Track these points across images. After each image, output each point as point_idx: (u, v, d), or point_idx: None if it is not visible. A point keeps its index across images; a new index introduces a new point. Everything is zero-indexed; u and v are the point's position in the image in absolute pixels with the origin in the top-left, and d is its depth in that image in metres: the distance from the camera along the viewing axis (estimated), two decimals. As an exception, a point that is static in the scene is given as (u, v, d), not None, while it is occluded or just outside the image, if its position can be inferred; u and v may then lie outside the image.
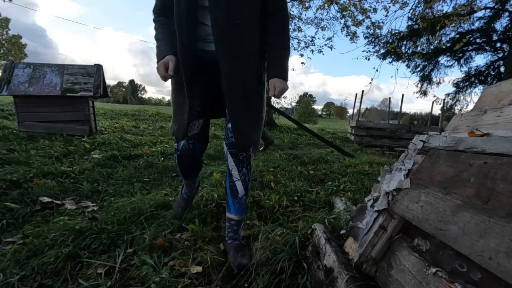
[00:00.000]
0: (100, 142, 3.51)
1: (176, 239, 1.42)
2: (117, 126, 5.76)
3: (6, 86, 3.85)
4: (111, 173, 2.45)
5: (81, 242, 1.34)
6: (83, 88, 4.19)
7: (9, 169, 2.24)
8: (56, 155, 2.81)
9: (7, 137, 3.54)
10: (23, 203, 1.74)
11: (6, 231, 1.47)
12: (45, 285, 1.09)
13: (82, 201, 1.89)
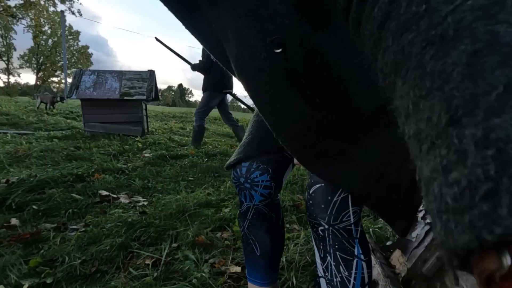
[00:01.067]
0: (151, 142, 3.78)
1: (217, 237, 1.46)
2: (166, 128, 6.15)
3: (75, 91, 4.36)
4: (159, 171, 2.62)
5: (132, 233, 1.45)
6: (137, 92, 4.56)
7: (76, 164, 2.53)
8: (113, 153, 3.09)
9: (74, 136, 4.00)
10: (85, 195, 1.94)
11: (71, 219, 1.66)
12: (101, 270, 1.20)
13: (134, 196, 2.05)
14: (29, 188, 1.86)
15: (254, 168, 0.75)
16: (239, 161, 0.77)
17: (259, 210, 0.78)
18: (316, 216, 0.64)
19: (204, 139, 4.69)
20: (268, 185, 0.75)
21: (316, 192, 0.63)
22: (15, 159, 2.58)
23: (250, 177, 0.75)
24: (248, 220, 0.80)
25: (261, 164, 0.75)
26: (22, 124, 5.28)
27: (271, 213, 0.80)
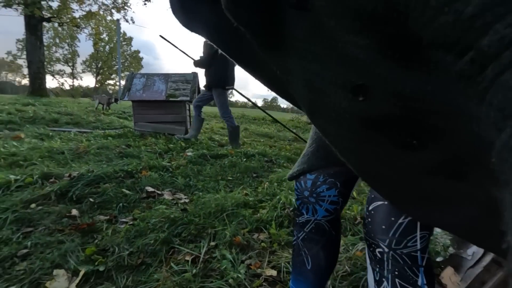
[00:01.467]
0: (193, 142, 3.95)
1: (253, 239, 1.47)
2: (207, 127, 6.38)
3: (127, 93, 4.73)
4: (200, 170, 2.72)
5: (174, 230, 1.53)
6: (182, 93, 4.79)
7: (126, 161, 2.74)
8: (159, 151, 3.29)
9: (126, 135, 4.34)
10: (134, 190, 2.09)
11: (121, 212, 1.80)
12: (145, 262, 1.28)
13: (177, 193, 2.16)
14: (87, 182, 2.06)
15: (321, 181, 0.70)
16: (303, 172, 0.72)
17: (320, 226, 0.74)
18: (375, 237, 0.58)
19: (243, 139, 4.77)
20: (335, 200, 0.70)
21: (377, 210, 0.58)
22: (76, 155, 2.89)
23: (315, 191, 0.70)
24: (305, 233, 0.75)
25: (329, 178, 0.69)
26: (83, 123, 5.88)
27: (331, 230, 0.75)
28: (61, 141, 3.67)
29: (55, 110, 6.87)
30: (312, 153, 0.71)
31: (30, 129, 4.62)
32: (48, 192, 1.87)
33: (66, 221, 1.61)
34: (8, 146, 3.03)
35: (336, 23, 0.35)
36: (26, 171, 2.21)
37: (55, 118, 5.90)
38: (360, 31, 0.34)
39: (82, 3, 13.60)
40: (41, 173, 2.14)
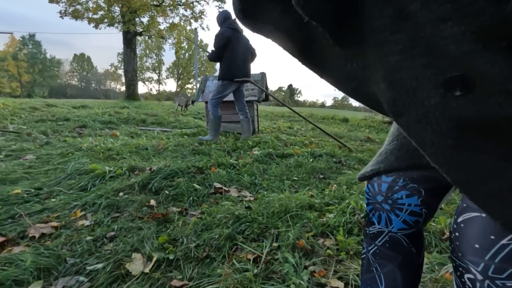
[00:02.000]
0: (260, 141, 4.00)
1: (318, 244, 1.38)
2: (274, 127, 6.41)
3: (201, 95, 5.09)
4: (266, 168, 2.72)
5: (238, 226, 1.54)
6: (250, 93, 4.91)
7: (198, 158, 2.93)
8: (228, 149, 3.43)
9: (199, 134, 4.67)
10: (203, 186, 2.21)
11: (191, 205, 1.91)
12: (210, 256, 1.32)
13: (242, 191, 2.19)
14: (164, 176, 2.26)
15: (400, 186, 0.58)
16: (377, 173, 0.61)
17: (395, 239, 0.61)
18: (463, 257, 0.45)
19: (310, 139, 4.61)
20: (417, 211, 0.58)
21: (470, 223, 0.44)
22: (157, 151, 3.22)
23: (392, 197, 0.59)
24: (377, 247, 0.63)
25: (410, 183, 0.57)
26: (165, 123, 6.58)
27: (410, 247, 0.61)
28: (146, 138, 4.15)
29: (143, 112, 7.87)
30: (391, 151, 0.59)
31: (124, 128, 5.38)
32: (133, 183, 2.11)
33: (145, 210, 1.79)
34: (106, 142, 3.57)
35: (423, 8, 0.30)
36: (118, 164, 2.55)
37: (143, 119, 6.75)
38: (453, 17, 0.28)
39: (166, 16, 15.27)
40: (128, 166, 2.44)
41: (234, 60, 3.82)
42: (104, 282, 1.14)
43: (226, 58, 3.83)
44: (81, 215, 1.70)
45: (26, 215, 1.67)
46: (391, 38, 0.34)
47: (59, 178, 2.29)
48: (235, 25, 3.87)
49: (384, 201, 0.60)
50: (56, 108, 7.74)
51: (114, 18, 13.97)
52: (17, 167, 2.57)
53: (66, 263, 1.24)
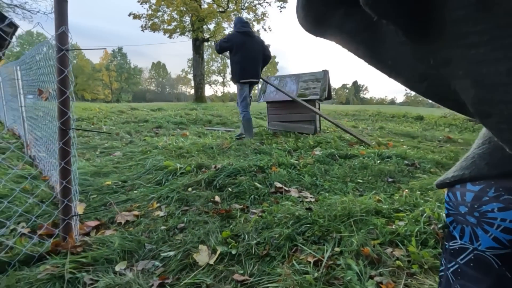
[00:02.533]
0: (322, 140, 3.88)
1: (386, 253, 1.27)
2: (337, 126, 6.14)
3: (262, 95, 5.18)
4: (328, 169, 2.63)
5: (298, 227, 1.52)
6: (312, 92, 4.81)
7: (259, 157, 3.00)
8: (288, 149, 3.42)
9: (261, 133, 4.77)
10: (264, 185, 2.25)
11: (253, 203, 1.96)
12: (270, 255, 1.34)
13: (303, 191, 2.16)
14: (228, 173, 2.38)
15: (490, 196, 0.50)
16: (461, 180, 0.53)
17: (483, 259, 0.52)
18: None
19: (378, 139, 4.28)
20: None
21: None
22: (221, 150, 3.40)
23: (479, 209, 0.51)
24: (458, 265, 0.55)
25: (505, 194, 0.49)
26: (228, 123, 6.90)
27: (504, 270, 0.51)
28: (212, 138, 4.43)
29: (209, 113, 8.41)
30: (481, 156, 0.50)
31: (193, 128, 5.83)
32: (200, 179, 2.27)
33: (210, 205, 1.91)
34: (178, 141, 3.92)
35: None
36: (187, 161, 2.78)
37: (209, 120, 7.21)
38: None
39: (231, 21, 15.98)
40: (196, 164, 2.63)
41: (241, 62, 4.02)
42: (175, 268, 1.25)
43: (233, 61, 4.08)
44: (156, 207, 1.90)
45: (115, 204, 1.94)
46: (474, 29, 0.29)
47: (140, 172, 2.60)
48: (245, 29, 4.07)
49: (468, 213, 0.52)
50: (138, 111, 8.83)
51: (185, 27, 15.25)
52: (108, 162, 3.01)
53: (145, 248, 1.41)
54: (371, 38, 0.41)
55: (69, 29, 1.28)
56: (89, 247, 1.38)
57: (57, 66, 1.29)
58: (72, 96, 1.35)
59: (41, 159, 2.68)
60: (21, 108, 3.05)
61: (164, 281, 1.16)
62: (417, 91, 0.44)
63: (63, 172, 1.36)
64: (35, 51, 2.49)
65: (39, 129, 2.73)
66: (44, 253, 1.31)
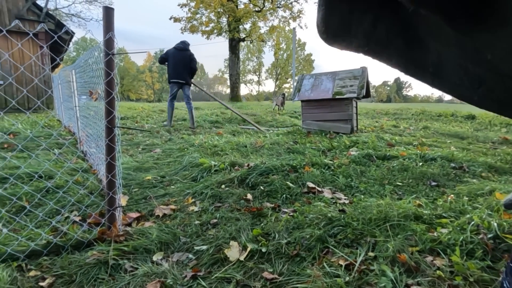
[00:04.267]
0: (358, 140, 3.73)
1: (425, 262, 1.19)
2: (376, 125, 5.86)
3: (297, 94, 5.13)
4: (364, 171, 2.52)
5: (330, 229, 1.49)
6: (349, 90, 4.64)
7: (292, 156, 2.97)
8: (323, 149, 3.34)
9: (294, 132, 4.73)
10: (296, 184, 2.23)
11: (284, 202, 1.96)
12: (300, 255, 1.32)
13: (336, 193, 2.10)
14: (260, 172, 2.40)
15: None
16: None
17: None
18: None
19: (421, 139, 4.00)
20: None
21: None
22: (254, 148, 3.43)
23: None
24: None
25: None
26: (263, 122, 6.94)
27: None
28: (245, 136, 4.49)
29: (244, 112, 8.52)
30: None
31: (228, 127, 5.96)
32: (233, 177, 2.32)
33: (242, 203, 1.94)
34: (213, 140, 4.04)
35: None
36: (221, 159, 2.85)
37: (244, 119, 7.31)
38: None
39: (267, 20, 16.02)
40: (230, 162, 2.69)
41: (168, 67, 5.73)
42: (207, 262, 1.30)
43: (168, 65, 5.73)
44: (191, 202, 1.99)
45: (154, 198, 2.06)
46: None
47: (177, 169, 2.73)
48: (177, 46, 5.69)
49: None
50: (177, 110, 9.24)
51: (222, 28, 15.61)
52: (149, 158, 3.20)
53: (180, 241, 1.48)
54: (406, 44, 0.37)
55: (115, 35, 1.39)
56: (131, 237, 1.49)
57: (104, 69, 1.41)
58: (117, 97, 1.46)
59: (91, 154, 2.94)
60: (75, 108, 3.37)
61: (196, 273, 1.21)
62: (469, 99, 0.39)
63: (109, 166, 1.48)
64: (87, 56, 2.73)
65: (90, 127, 2.99)
66: (92, 239, 1.44)
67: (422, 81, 0.43)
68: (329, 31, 0.42)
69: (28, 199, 1.95)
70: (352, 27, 0.41)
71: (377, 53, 0.42)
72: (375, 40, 0.40)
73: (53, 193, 2.05)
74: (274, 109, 10.11)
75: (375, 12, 0.36)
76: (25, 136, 4.22)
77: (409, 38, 0.37)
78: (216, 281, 1.17)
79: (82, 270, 1.22)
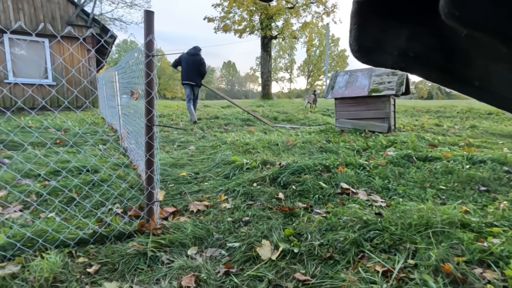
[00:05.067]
0: (396, 140, 3.54)
1: (474, 274, 1.10)
2: (416, 124, 5.51)
3: (331, 91, 4.99)
4: (403, 172, 2.39)
5: (366, 233, 1.43)
6: (386, 87, 4.41)
7: (325, 156, 2.90)
8: (357, 148, 3.22)
9: (327, 131, 4.61)
10: (329, 185, 2.17)
11: (317, 203, 1.92)
12: (334, 258, 1.29)
13: (372, 195, 2.02)
14: (292, 171, 2.37)
15: None
16: None
17: None
18: None
19: (468, 140, 3.69)
20: None
21: None
22: (286, 147, 3.41)
23: None
24: None
25: None
26: (294, 120, 6.86)
27: None
28: (277, 135, 4.47)
29: (275, 110, 8.50)
30: None
31: (259, 125, 5.98)
32: (264, 175, 2.33)
33: (274, 202, 1.94)
34: (245, 137, 4.08)
35: None
36: (253, 157, 2.87)
37: (275, 116, 7.29)
38: None
39: (299, 16, 15.76)
40: (261, 160, 2.70)
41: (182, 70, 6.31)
42: (239, 259, 1.31)
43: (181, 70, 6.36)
44: (224, 199, 2.02)
45: (188, 193, 2.14)
46: None
47: (210, 166, 2.80)
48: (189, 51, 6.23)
49: None
50: (209, 108, 9.48)
51: (254, 26, 15.66)
52: (184, 155, 3.32)
53: (213, 237, 1.51)
54: (447, 59, 0.34)
55: (155, 37, 1.45)
56: (167, 231, 1.55)
57: (145, 70, 1.48)
58: (157, 96, 1.53)
59: (131, 150, 3.12)
60: (118, 107, 3.60)
61: (229, 269, 1.23)
62: None
63: (148, 163, 1.56)
64: (128, 57, 2.89)
65: (130, 124, 3.18)
66: (132, 231, 1.53)
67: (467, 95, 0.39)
68: (362, 49, 0.41)
69: (77, 191, 2.13)
70: (387, 44, 0.38)
71: (415, 69, 0.39)
72: (412, 57, 0.37)
73: (98, 186, 2.21)
74: (306, 106, 9.94)
75: (411, 28, 0.35)
76: (74, 133, 4.59)
77: (450, 53, 0.34)
78: (248, 279, 1.18)
79: (123, 260, 1.30)
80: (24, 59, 8.03)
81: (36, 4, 8.01)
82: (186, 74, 6.26)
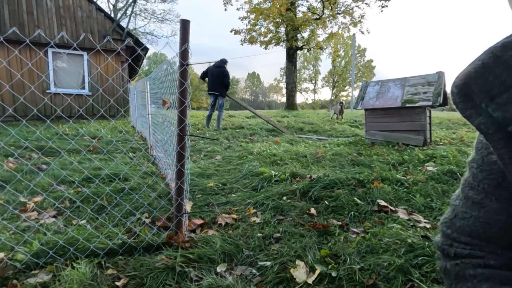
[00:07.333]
0: (435, 154, 3.29)
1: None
2: (454, 137, 5.15)
3: (360, 102, 4.81)
4: (446, 190, 2.18)
5: (413, 258, 1.29)
6: (422, 98, 4.17)
7: (358, 169, 2.75)
8: (392, 162, 3.03)
9: (357, 143, 4.42)
10: (365, 201, 2.03)
11: (353, 221, 1.78)
12: (377, 285, 1.16)
13: (414, 214, 1.85)
14: (324, 185, 2.25)
15: None
16: None
17: None
18: None
19: None
20: None
21: None
22: (315, 159, 3.28)
23: None
24: None
25: None
26: (320, 131, 6.70)
27: None
28: (304, 146, 4.35)
29: (300, 120, 8.37)
30: None
31: (285, 136, 5.89)
32: (294, 189, 2.23)
33: (306, 217, 1.83)
34: (271, 148, 4.01)
35: None
36: (281, 169, 2.78)
37: (300, 127, 7.17)
38: None
39: (325, 27, 15.68)
40: (290, 172, 2.60)
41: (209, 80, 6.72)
42: (271, 280, 1.22)
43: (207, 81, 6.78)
44: (253, 212, 1.94)
45: (216, 205, 2.08)
46: None
47: (237, 177, 2.74)
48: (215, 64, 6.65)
49: None
50: (235, 118, 9.55)
51: (280, 37, 15.77)
52: (211, 165, 3.30)
53: (243, 253, 1.43)
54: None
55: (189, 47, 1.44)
56: (195, 244, 1.50)
57: (178, 79, 1.46)
58: (189, 106, 1.50)
59: (160, 159, 3.15)
60: (148, 116, 3.68)
61: (261, 292, 1.14)
62: None
63: (178, 173, 1.53)
64: (159, 69, 2.96)
65: (159, 133, 3.22)
66: (160, 243, 1.49)
67: None
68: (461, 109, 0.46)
69: (107, 198, 2.15)
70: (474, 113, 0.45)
71: None
72: None
73: (127, 195, 2.22)
74: (332, 117, 9.73)
75: None
76: (107, 141, 4.77)
77: None
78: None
79: (152, 274, 1.25)
80: (64, 70, 8.61)
81: (77, 20, 8.61)
82: (212, 85, 6.73)
